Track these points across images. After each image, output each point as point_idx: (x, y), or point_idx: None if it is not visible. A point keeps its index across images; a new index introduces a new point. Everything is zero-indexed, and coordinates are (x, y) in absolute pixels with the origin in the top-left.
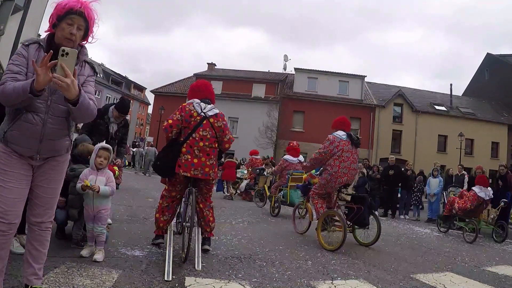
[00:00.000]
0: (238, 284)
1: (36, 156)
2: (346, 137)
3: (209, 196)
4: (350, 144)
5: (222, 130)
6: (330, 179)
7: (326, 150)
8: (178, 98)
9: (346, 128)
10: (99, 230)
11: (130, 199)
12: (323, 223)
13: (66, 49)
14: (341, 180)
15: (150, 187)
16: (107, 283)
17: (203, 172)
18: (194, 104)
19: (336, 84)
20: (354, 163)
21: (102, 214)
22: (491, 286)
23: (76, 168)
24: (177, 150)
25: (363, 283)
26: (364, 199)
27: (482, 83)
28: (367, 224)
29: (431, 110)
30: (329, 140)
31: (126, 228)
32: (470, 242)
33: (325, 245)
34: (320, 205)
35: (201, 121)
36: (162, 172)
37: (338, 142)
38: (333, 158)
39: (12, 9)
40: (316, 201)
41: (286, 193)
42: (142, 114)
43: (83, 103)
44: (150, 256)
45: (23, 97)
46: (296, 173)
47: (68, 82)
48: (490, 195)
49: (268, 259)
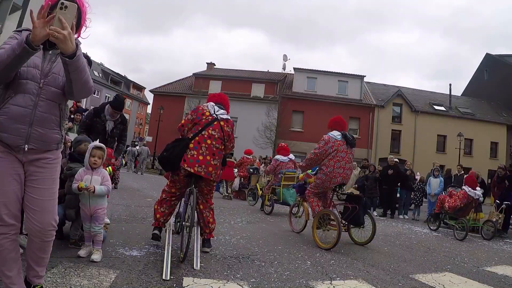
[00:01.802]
0: (236, 284)
1: (24, 147)
2: (340, 137)
3: (210, 198)
4: (345, 144)
5: (229, 135)
6: (325, 178)
7: (321, 150)
8: (177, 98)
9: (342, 128)
10: (96, 230)
11: (129, 198)
12: (318, 222)
13: (65, 2)
14: (336, 180)
15: (148, 187)
16: (105, 283)
17: (206, 171)
18: (208, 105)
19: (335, 84)
20: (349, 163)
21: (98, 214)
22: (491, 286)
23: (73, 167)
24: (186, 144)
25: (362, 283)
26: (359, 199)
27: (481, 83)
28: (362, 224)
29: (430, 110)
30: (324, 141)
31: (124, 228)
32: (460, 240)
33: (320, 244)
34: (315, 204)
35: (212, 121)
36: (167, 164)
37: (332, 142)
38: (328, 158)
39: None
40: (312, 200)
41: (279, 192)
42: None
43: (80, 59)
44: (148, 256)
45: (18, 51)
46: (289, 172)
47: (65, 33)
48: (480, 195)
49: (267, 259)
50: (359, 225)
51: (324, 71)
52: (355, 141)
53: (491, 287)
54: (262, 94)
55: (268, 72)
